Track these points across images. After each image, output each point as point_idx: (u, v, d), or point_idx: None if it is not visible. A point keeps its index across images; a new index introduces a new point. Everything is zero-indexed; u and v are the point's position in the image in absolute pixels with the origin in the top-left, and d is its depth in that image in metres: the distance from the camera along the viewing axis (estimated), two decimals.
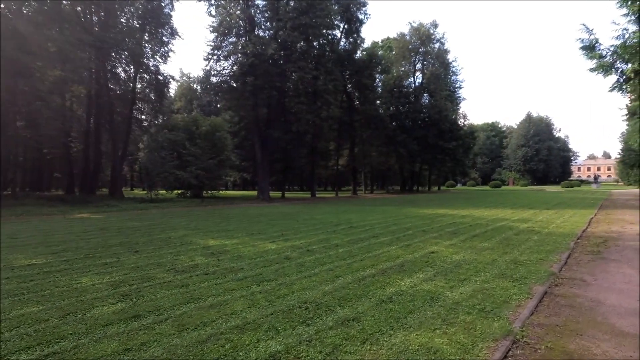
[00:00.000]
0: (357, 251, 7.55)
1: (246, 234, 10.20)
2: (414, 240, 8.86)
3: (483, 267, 6.10)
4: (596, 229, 10.90)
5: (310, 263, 6.50)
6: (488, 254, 7.16)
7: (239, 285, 5.17)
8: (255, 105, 25.77)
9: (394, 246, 8.08)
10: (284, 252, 7.56)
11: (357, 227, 11.50)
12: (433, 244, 8.27)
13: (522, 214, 15.40)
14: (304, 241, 8.85)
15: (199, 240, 9.10)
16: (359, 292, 4.77)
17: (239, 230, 10.86)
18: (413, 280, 5.30)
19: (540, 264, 6.33)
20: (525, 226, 11.39)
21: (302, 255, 7.16)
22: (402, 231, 10.39)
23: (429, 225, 11.64)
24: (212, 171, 23.53)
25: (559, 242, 8.54)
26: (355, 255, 7.18)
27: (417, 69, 45.87)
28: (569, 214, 15.22)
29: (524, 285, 5.03)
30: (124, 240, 9.11)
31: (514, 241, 8.62)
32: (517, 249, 7.68)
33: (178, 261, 6.75)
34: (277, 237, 9.46)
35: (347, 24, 33.56)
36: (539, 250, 7.53)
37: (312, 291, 4.83)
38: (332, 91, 27.52)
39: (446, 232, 10.05)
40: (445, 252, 7.32)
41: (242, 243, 8.66)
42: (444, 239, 8.93)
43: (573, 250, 7.70)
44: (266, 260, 6.76)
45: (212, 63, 26.75)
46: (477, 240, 8.80)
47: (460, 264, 6.29)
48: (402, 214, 16.16)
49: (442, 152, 43.86)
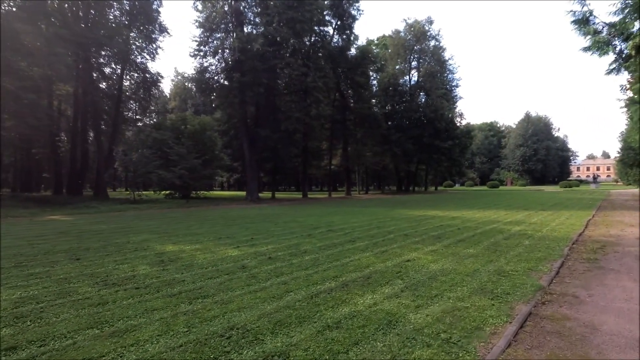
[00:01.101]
0: (324, 259, 6.73)
1: (213, 238, 9.39)
2: (393, 245, 8.04)
3: (461, 279, 5.28)
4: (593, 233, 10.09)
5: (265, 274, 5.68)
6: (471, 262, 6.34)
7: (166, 303, 4.35)
8: (243, 102, 24.93)
9: (367, 253, 7.26)
10: (243, 259, 6.74)
11: (336, 230, 10.68)
12: (412, 250, 7.46)
13: (515, 216, 14.59)
14: (272, 247, 8.03)
15: (156, 246, 8.28)
16: (304, 313, 3.95)
17: (207, 234, 10.04)
18: (375, 297, 4.48)
19: (527, 275, 5.51)
20: (517, 229, 10.58)
21: (261, 264, 6.34)
22: (383, 235, 9.57)
23: (414, 229, 10.82)
24: (196, 171, 22.67)
25: (551, 247, 7.72)
26: (321, 264, 6.36)
27: (412, 66, 45.12)
28: (565, 216, 14.42)
29: (505, 304, 4.21)
30: (73, 246, 8.28)
31: (502, 247, 7.80)
32: (505, 256, 6.87)
33: (116, 271, 5.93)
34: (244, 242, 8.64)
35: (339, 20, 32.72)
36: (528, 257, 6.71)
37: (248, 312, 4.01)
38: (323, 88, 26.69)
39: (430, 237, 9.23)
40: (422, 260, 6.50)
41: (203, 249, 7.84)
42: (425, 245, 8.12)
43: (567, 257, 6.89)
44: (217, 271, 5.93)
45: (199, 60, 25.88)
46: (461, 245, 7.98)
47: (435, 276, 5.47)
48: (389, 215, 15.35)
49: (437, 151, 43.02)
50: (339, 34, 34.11)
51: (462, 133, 48.07)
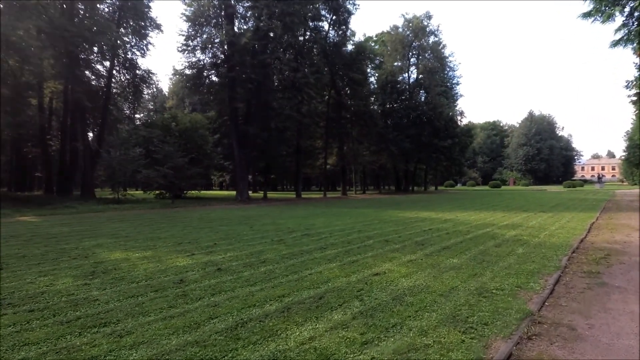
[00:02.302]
0: (281, 271, 5.80)
1: (173, 243, 8.48)
2: (367, 254, 7.09)
3: (433, 301, 4.33)
4: (597, 238, 9.10)
5: (200, 291, 4.76)
6: (450, 277, 5.39)
7: (50, 333, 3.43)
8: (232, 99, 24.00)
9: (334, 263, 6.32)
10: (187, 271, 5.83)
11: (312, 234, 9.74)
12: (386, 260, 6.51)
13: (513, 218, 13.59)
14: (230, 255, 7.12)
15: (102, 253, 7.39)
16: (212, 354, 3.02)
17: (169, 239, 9.14)
18: (317, 327, 3.54)
19: (514, 295, 4.55)
20: (512, 234, 9.59)
21: (204, 278, 5.42)
22: (361, 241, 8.63)
23: (399, 233, 9.86)
24: (183, 170, 21.81)
25: (548, 257, 6.74)
26: (274, 277, 5.43)
27: (411, 63, 43.96)
28: (566, 218, 13.40)
29: (479, 340, 3.26)
30: (11, 252, 7.42)
31: (491, 256, 6.83)
32: (492, 268, 5.90)
33: (28, 286, 5.03)
34: (203, 249, 7.74)
35: (334, 15, 31.69)
36: (519, 270, 5.74)
37: (143, 349, 3.09)
38: (315, 85, 25.70)
39: (412, 243, 8.27)
40: (394, 274, 5.55)
41: (151, 257, 6.94)
42: (404, 253, 7.16)
43: (565, 269, 5.92)
44: (147, 286, 5.02)
45: (188, 55, 24.97)
46: (445, 254, 7.02)
47: (402, 296, 4.52)
48: (378, 217, 14.39)
49: (437, 150, 41.92)
50: (334, 30, 33.13)
51: (463, 132, 46.92)
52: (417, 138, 40.35)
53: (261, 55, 23.09)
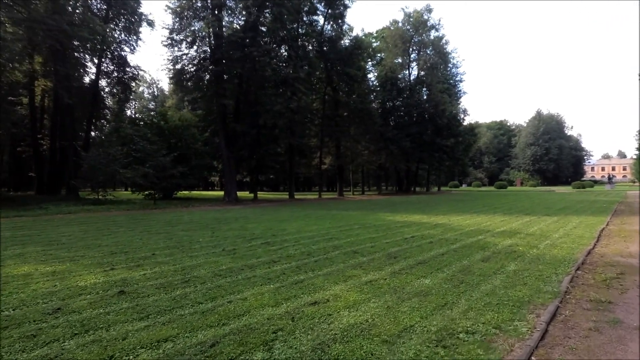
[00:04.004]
0: (196, 296, 4.53)
1: (104, 254, 7.29)
2: (320, 271, 5.79)
3: (369, 352, 3.02)
4: (607, 249, 7.68)
5: (61, 329, 3.51)
6: (410, 308, 4.07)
7: None
8: (219, 95, 22.81)
9: (272, 284, 5.03)
10: (79, 295, 4.61)
11: (274, 243, 8.47)
12: (340, 281, 5.20)
13: (512, 223, 12.15)
14: (156, 270, 5.89)
15: (9, 266, 6.21)
16: None
17: (105, 248, 7.95)
18: None
19: (489, 343, 3.22)
20: (507, 244, 8.20)
21: (91, 306, 4.18)
22: (325, 252, 7.33)
23: (374, 242, 8.53)
24: (165, 170, 20.68)
25: (545, 277, 5.38)
26: (180, 307, 4.16)
27: (412, 59, 42.36)
28: (573, 223, 11.93)
29: None
30: None
31: (474, 275, 5.48)
32: (469, 294, 4.56)
33: None
34: (131, 262, 6.54)
35: (329, 9, 30.34)
36: (503, 299, 4.39)
37: None
38: (305, 80, 24.36)
39: (384, 256, 6.94)
40: (338, 303, 4.24)
41: (58, 273, 5.73)
42: (367, 270, 5.85)
43: (565, 296, 4.56)
44: (8, 318, 3.79)
45: (172, 49, 23.83)
46: (417, 272, 5.69)
47: (331, 342, 3.22)
48: (362, 221, 13.06)
49: (439, 150, 40.28)
50: (329, 24, 31.77)
51: (466, 130, 45.20)
52: (418, 137, 38.80)
53: (249, 48, 21.82)
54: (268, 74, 23.36)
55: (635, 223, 12.03)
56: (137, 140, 21.28)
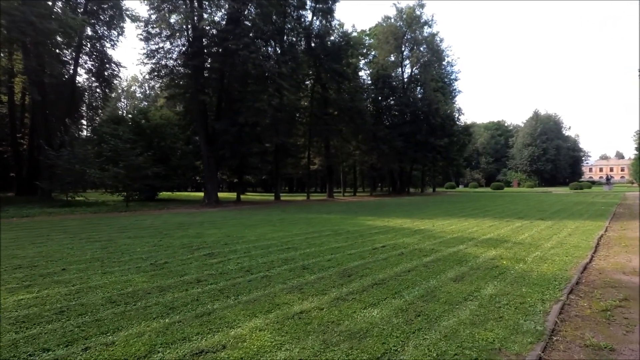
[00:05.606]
0: (46, 338, 3.32)
1: (8, 267, 6.07)
2: (244, 297, 4.59)
3: None
4: (607, 263, 6.52)
5: None
6: None
7: None
8: (197, 91, 21.58)
9: (165, 320, 3.83)
10: None
11: (219, 255, 7.27)
12: (260, 313, 4.00)
13: (501, 229, 10.97)
14: (40, 295, 4.69)
15: None
16: None
17: (17, 260, 6.74)
18: None
19: None
20: (490, 256, 7.01)
21: None
22: (268, 268, 6.12)
23: (335, 253, 7.33)
24: (138, 170, 19.43)
25: (527, 307, 4.18)
26: (17, 355, 2.95)
27: (405, 57, 41.19)
28: (568, 229, 10.75)
29: None
30: None
31: (436, 303, 4.29)
32: (422, 337, 3.37)
33: None
34: (30, 280, 5.33)
35: (318, 3, 29.14)
36: (466, 344, 3.20)
37: None
38: (289, 76, 23.14)
39: (337, 273, 5.74)
40: (229, 356, 3.04)
41: None
42: (306, 294, 4.65)
43: (551, 340, 3.37)
44: None
45: (148, 43, 22.55)
46: (366, 298, 4.48)
47: None
48: (337, 227, 11.87)
49: (433, 149, 39.09)
50: (318, 19, 30.59)
51: (460, 130, 44.04)
52: (412, 136, 37.63)
53: (229, 41, 20.60)
54: (249, 69, 22.14)
55: (636, 229, 10.86)
56: (108, 138, 20.04)
